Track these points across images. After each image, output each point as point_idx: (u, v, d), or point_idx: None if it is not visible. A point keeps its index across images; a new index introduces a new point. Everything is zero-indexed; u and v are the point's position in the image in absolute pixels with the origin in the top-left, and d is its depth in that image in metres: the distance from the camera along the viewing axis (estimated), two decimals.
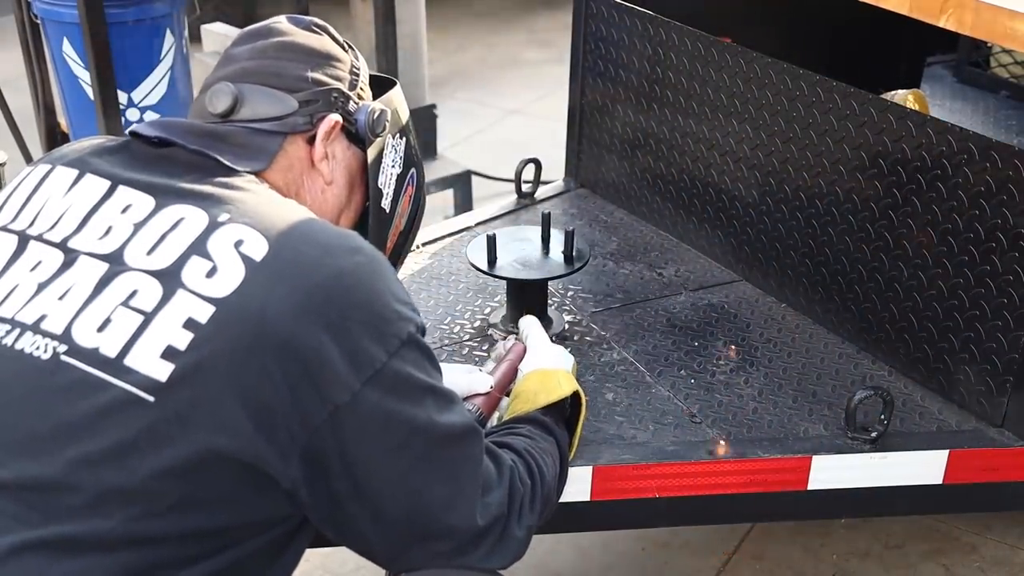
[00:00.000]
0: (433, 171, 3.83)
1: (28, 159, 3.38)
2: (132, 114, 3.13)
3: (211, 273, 1.13)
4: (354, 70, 1.44)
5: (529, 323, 1.71)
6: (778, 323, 2.09)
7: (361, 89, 1.44)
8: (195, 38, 3.51)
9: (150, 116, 3.16)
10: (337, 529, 1.22)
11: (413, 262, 2.28)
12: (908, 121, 1.83)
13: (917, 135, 1.82)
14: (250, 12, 5.67)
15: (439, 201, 3.83)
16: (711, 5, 2.55)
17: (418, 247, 2.33)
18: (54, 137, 3.36)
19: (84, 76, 3.05)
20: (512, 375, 1.60)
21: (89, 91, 3.04)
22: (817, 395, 1.87)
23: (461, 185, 3.86)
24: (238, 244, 1.15)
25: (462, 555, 1.25)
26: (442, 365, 1.28)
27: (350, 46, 1.47)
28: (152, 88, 3.13)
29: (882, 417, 1.72)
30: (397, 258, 1.60)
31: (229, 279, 1.12)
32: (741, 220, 2.20)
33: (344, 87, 1.40)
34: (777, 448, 1.72)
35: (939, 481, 1.74)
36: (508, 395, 1.59)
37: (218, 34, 3.73)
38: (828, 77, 1.96)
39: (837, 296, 2.03)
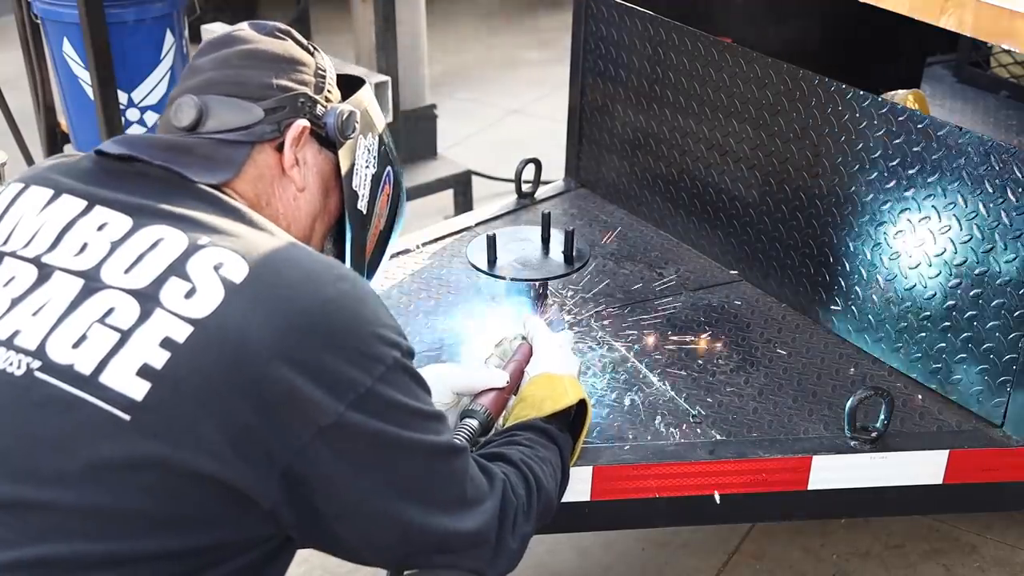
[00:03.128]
0: (433, 171, 3.82)
1: (28, 159, 3.37)
2: (132, 114, 3.13)
3: (190, 294, 1.12)
4: (319, 73, 1.41)
5: (536, 323, 1.71)
6: (778, 323, 2.09)
7: (329, 91, 1.42)
8: (195, 38, 3.51)
9: (150, 116, 3.16)
10: (327, 547, 1.22)
11: (413, 262, 2.28)
12: (908, 121, 1.83)
13: (916, 135, 1.82)
14: (250, 12, 5.66)
15: (439, 201, 3.82)
16: (711, 5, 2.55)
17: (418, 247, 2.34)
18: (54, 137, 3.35)
19: (84, 76, 3.05)
20: (519, 376, 1.60)
21: (89, 91, 3.04)
22: (817, 395, 1.87)
23: (461, 185, 3.86)
24: (218, 267, 1.14)
25: (456, 567, 1.25)
26: (457, 363, 1.26)
27: (315, 48, 1.45)
28: (152, 88, 3.13)
29: (882, 417, 1.72)
30: (379, 258, 1.58)
31: (208, 300, 1.11)
32: (741, 220, 2.20)
33: (310, 91, 1.38)
34: (777, 448, 1.72)
35: (939, 481, 1.74)
36: (515, 394, 1.59)
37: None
38: (828, 77, 1.96)
39: (837, 296, 2.03)
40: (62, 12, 3.00)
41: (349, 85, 1.52)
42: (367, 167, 1.48)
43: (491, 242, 1.93)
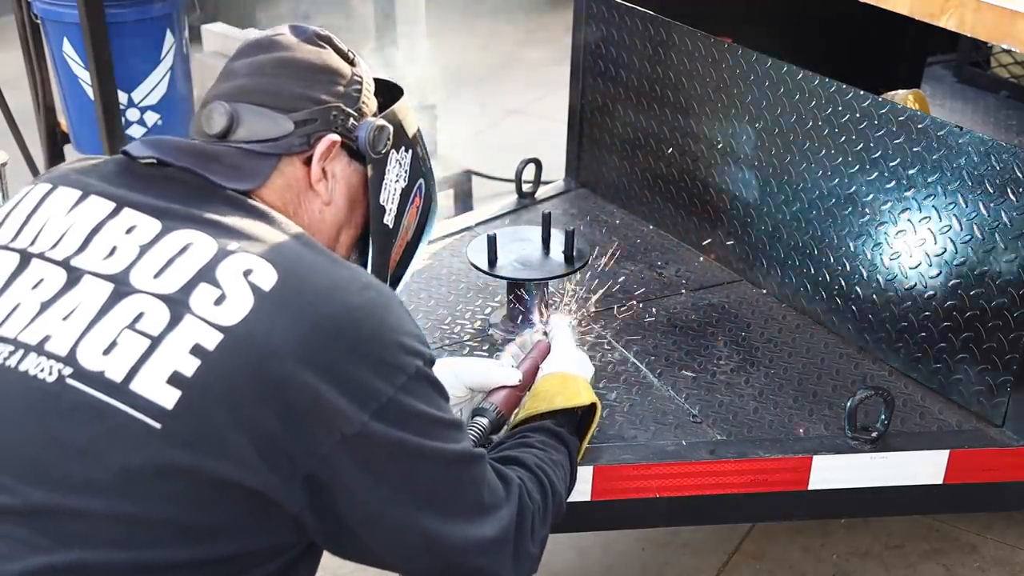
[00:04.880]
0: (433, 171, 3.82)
1: (28, 159, 3.37)
2: (132, 114, 3.13)
3: (219, 301, 1.12)
4: (355, 84, 1.39)
5: (559, 323, 1.72)
6: (778, 323, 2.10)
7: (364, 103, 1.39)
8: (195, 38, 3.51)
9: (150, 116, 3.16)
10: (353, 554, 1.23)
11: (413, 262, 2.27)
12: (908, 121, 1.83)
13: (917, 135, 1.82)
14: (250, 12, 5.66)
15: (439, 201, 3.82)
16: (711, 5, 2.55)
17: None
18: (54, 137, 3.35)
19: (84, 76, 3.05)
20: (534, 373, 1.61)
21: (89, 91, 3.04)
22: (817, 395, 1.88)
23: (461, 185, 3.86)
24: (247, 273, 1.13)
25: (481, 571, 1.26)
26: (473, 358, 1.24)
27: (354, 55, 1.43)
28: (152, 88, 3.13)
29: (882, 417, 1.72)
30: (404, 269, 1.58)
31: (237, 308, 1.11)
32: (741, 220, 2.20)
33: (344, 104, 1.36)
34: (777, 448, 1.72)
35: (939, 481, 1.74)
36: (528, 391, 1.59)
37: (218, 34, 3.73)
38: (828, 77, 1.96)
39: (837, 296, 2.03)
40: (62, 12, 3.00)
41: (389, 90, 1.50)
42: (397, 181, 1.47)
43: (491, 242, 1.93)
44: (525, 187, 2.53)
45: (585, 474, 1.65)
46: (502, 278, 1.96)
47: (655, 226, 2.44)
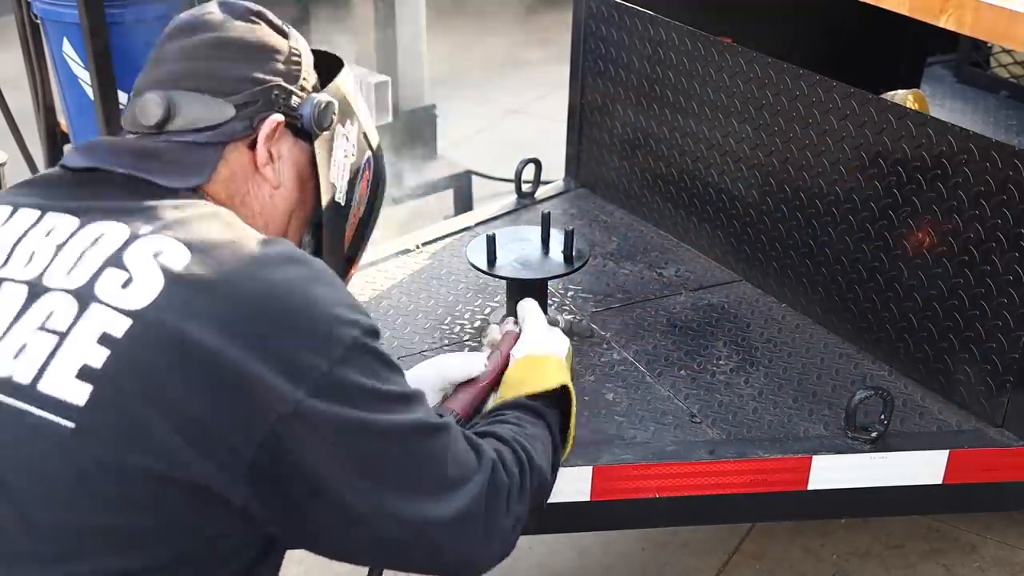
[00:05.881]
0: (433, 171, 3.82)
1: (28, 159, 3.37)
2: None
3: (126, 284, 1.06)
4: (293, 59, 1.32)
5: (529, 308, 1.65)
6: (778, 323, 2.09)
7: (304, 79, 1.33)
8: None
9: None
10: (308, 544, 1.16)
11: (413, 262, 2.28)
12: (908, 121, 1.83)
13: (917, 135, 1.82)
14: None
15: (439, 201, 3.82)
16: (711, 5, 2.55)
17: (418, 247, 2.34)
18: (54, 137, 3.35)
19: (84, 76, 3.05)
20: (504, 364, 1.55)
21: (89, 91, 3.04)
22: (817, 395, 1.87)
23: (461, 185, 3.86)
24: (157, 254, 1.08)
25: (446, 551, 1.19)
26: (455, 353, 1.19)
27: (289, 29, 1.35)
28: None
29: (882, 417, 1.72)
30: (359, 245, 1.52)
31: (145, 290, 1.06)
32: (741, 220, 2.20)
33: (284, 81, 1.30)
34: (777, 448, 1.72)
35: (939, 481, 1.74)
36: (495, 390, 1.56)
37: None
38: (828, 77, 1.96)
39: (837, 296, 2.03)
40: (62, 12, 3.00)
41: (327, 63, 1.44)
42: (345, 156, 1.41)
43: (491, 242, 1.93)
44: (525, 187, 2.53)
45: (584, 474, 1.65)
46: (502, 278, 1.96)
47: (655, 226, 2.44)
